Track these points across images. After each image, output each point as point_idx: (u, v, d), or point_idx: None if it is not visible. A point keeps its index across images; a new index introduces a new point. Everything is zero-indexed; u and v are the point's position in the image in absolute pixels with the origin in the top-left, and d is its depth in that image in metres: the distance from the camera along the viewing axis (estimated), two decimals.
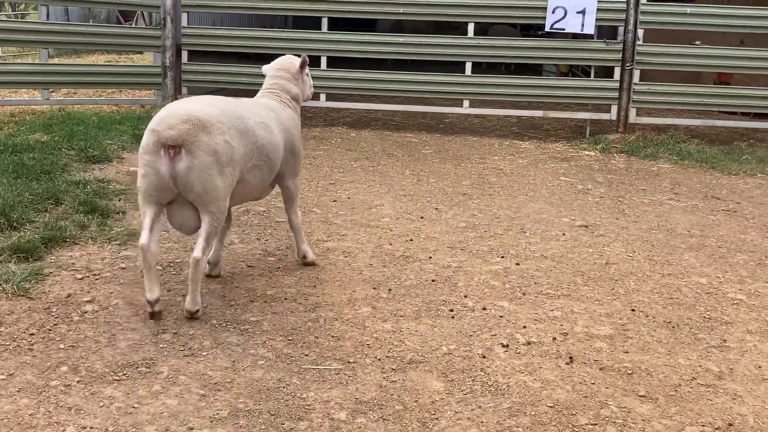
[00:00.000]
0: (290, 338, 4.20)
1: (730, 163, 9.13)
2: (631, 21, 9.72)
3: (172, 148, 4.02)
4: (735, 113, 11.61)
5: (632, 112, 10.02)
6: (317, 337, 4.23)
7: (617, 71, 9.93)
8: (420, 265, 5.43)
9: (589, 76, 11.53)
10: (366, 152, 9.13)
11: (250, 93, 5.48)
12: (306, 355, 4.02)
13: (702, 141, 10.05)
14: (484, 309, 4.70)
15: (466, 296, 4.90)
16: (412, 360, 4.02)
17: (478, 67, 11.91)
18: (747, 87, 10.79)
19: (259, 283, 4.97)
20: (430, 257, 5.61)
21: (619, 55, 9.81)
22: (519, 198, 7.35)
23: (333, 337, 4.25)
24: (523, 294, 4.97)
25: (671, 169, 8.85)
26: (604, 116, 10.27)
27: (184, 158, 4.04)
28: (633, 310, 4.80)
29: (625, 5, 9.75)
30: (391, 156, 8.95)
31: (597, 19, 9.69)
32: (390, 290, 4.94)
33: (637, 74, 9.88)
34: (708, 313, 4.83)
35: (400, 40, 10.20)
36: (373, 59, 11.05)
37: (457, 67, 10.35)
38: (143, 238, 4.15)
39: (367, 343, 4.20)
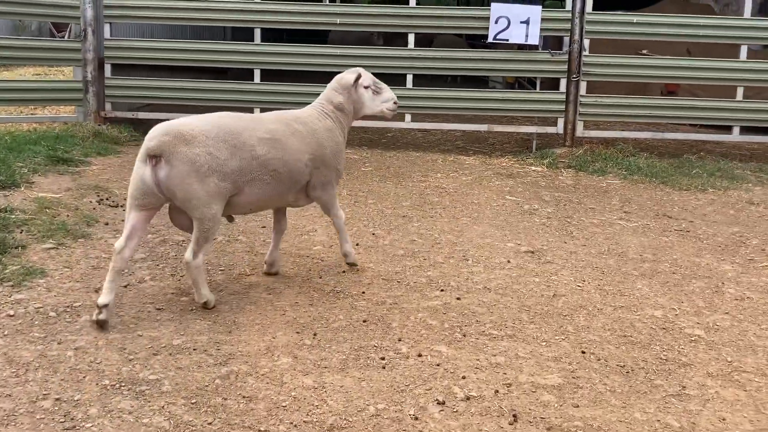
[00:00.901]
0: (193, 401, 3.63)
1: (681, 177, 8.83)
2: (577, 31, 9.38)
3: (154, 157, 4.39)
4: (684, 124, 11.40)
5: (579, 125, 9.68)
6: (225, 399, 3.67)
7: (563, 83, 9.57)
8: (351, 302, 4.91)
9: (535, 87, 11.18)
10: None
11: (186, 109, 4.90)
12: (209, 423, 3.46)
13: (651, 154, 9.74)
14: (420, 356, 4.19)
15: (400, 339, 4.39)
16: (333, 426, 3.49)
17: (423, 80, 11.50)
18: (694, 98, 10.55)
19: (167, 329, 4.39)
20: (363, 292, 5.09)
21: (565, 66, 9.45)
22: (462, 220, 6.89)
23: (244, 398, 3.69)
24: (464, 335, 4.48)
25: (621, 185, 8.50)
26: (551, 130, 9.90)
27: (163, 167, 4.38)
28: (583, 352, 4.35)
29: (570, 15, 9.41)
30: None
31: (542, 30, 9.33)
32: (315, 335, 4.40)
33: (583, 86, 9.53)
34: (664, 353, 4.41)
35: (338, 52, 9.68)
36: (321, 72, 10.49)
37: (400, 79, 9.87)
38: (119, 241, 4.48)
39: (284, 404, 3.65)
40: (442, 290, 5.19)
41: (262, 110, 9.88)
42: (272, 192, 4.87)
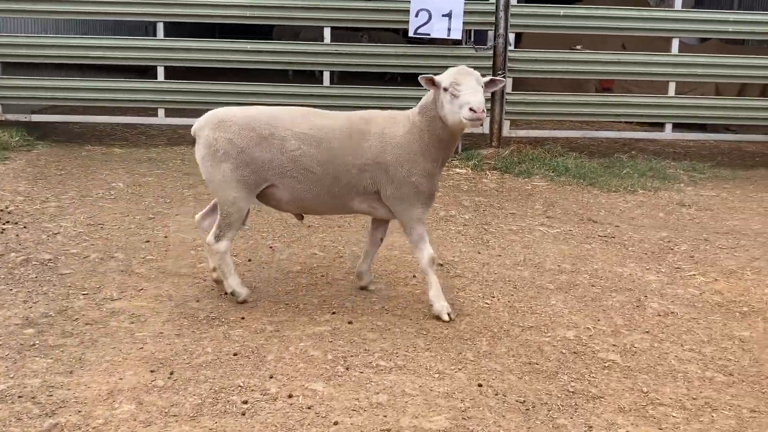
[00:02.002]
0: None
1: (610, 178, 8.41)
2: (502, 24, 8.88)
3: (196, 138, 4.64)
4: (620, 122, 11.03)
5: (506, 125, 9.20)
6: None
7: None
8: (225, 331, 4.30)
9: None
10: None
11: (93, 110, 4.21)
12: None
13: (581, 154, 9.30)
14: (290, 397, 3.60)
15: (272, 377, 3.79)
16: None
17: (356, 78, 10.92)
18: (626, 95, 10.16)
19: None
20: (243, 318, 4.48)
21: (490, 62, 8.94)
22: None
23: None
24: (347, 369, 3.90)
25: (546, 187, 8.03)
26: (477, 129, 9.39)
27: (196, 148, 4.64)
28: (480, 385, 3.80)
29: (494, 7, 8.90)
30: None
31: (465, 23, 8.80)
32: (172, 374, 3.78)
33: (509, 83, 9.04)
34: (573, 383, 3.89)
35: (248, 47, 9.02)
36: (241, 69, 9.80)
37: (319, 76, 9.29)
38: (198, 214, 5.02)
39: None
40: (333, 313, 4.60)
41: (167, 111, 9.24)
42: (311, 191, 4.54)
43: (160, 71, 9.11)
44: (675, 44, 9.25)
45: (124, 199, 6.97)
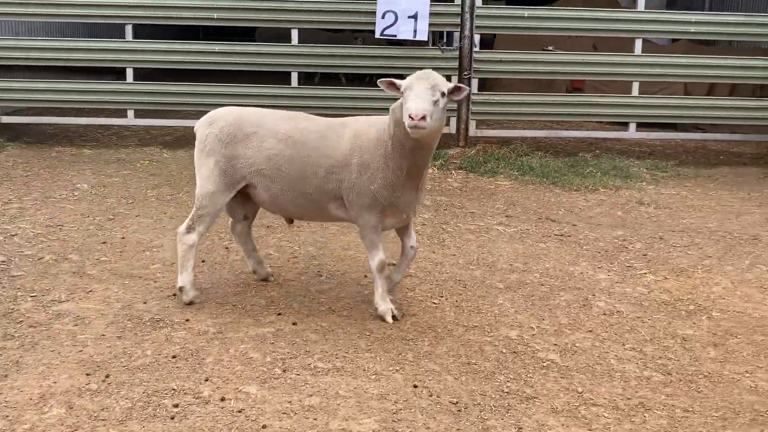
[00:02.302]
0: None
1: (573, 177, 8.45)
2: (467, 26, 8.90)
3: None
4: (591, 122, 11.08)
5: (472, 125, 9.22)
6: None
7: (455, 80, 9.09)
8: (168, 334, 4.30)
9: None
10: (173, 177, 7.90)
11: (63, 112, 4.20)
12: None
13: (546, 153, 9.34)
14: (223, 400, 3.61)
15: (207, 379, 3.80)
16: None
17: (332, 79, 10.91)
18: (592, 95, 10.22)
19: None
20: (187, 320, 4.49)
21: (456, 63, 8.97)
22: (330, 230, 6.33)
23: None
24: (284, 371, 3.91)
25: (509, 186, 8.07)
26: (444, 129, 9.39)
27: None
28: (415, 386, 3.83)
29: (460, 9, 8.92)
30: None
31: (431, 25, 8.82)
32: (108, 376, 3.79)
33: (475, 83, 9.07)
34: (509, 383, 3.92)
35: (216, 48, 8.99)
36: (212, 71, 9.77)
37: (284, 78, 9.26)
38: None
39: None
40: (279, 314, 4.62)
41: (135, 112, 9.24)
42: (286, 193, 4.57)
43: (129, 73, 9.07)
44: (638, 45, 9.29)
45: (86, 200, 6.96)
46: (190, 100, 9.10)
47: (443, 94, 4.12)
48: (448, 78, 9.28)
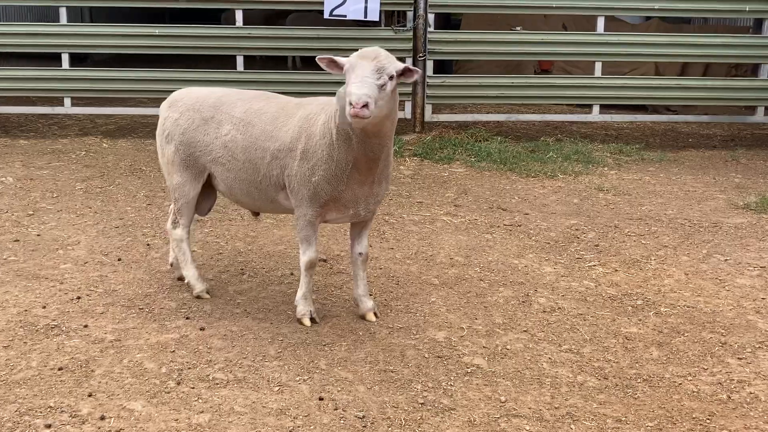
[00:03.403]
0: None
1: (533, 163, 8.09)
2: (421, 5, 8.49)
3: None
4: (559, 104, 10.72)
5: (428, 109, 8.84)
6: None
7: (409, 63, 8.70)
8: (61, 341, 3.93)
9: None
10: (107, 169, 7.47)
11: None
12: None
13: (507, 138, 8.97)
14: (102, 419, 3.25)
15: (90, 395, 3.44)
16: None
17: (269, 62, 10.48)
18: (554, 76, 9.85)
19: None
20: (86, 326, 4.12)
21: (410, 45, 8.57)
22: (264, 223, 5.95)
23: None
24: (178, 383, 3.55)
25: (464, 173, 7.70)
26: (399, 114, 9.01)
27: None
28: (321, 398, 3.48)
29: None
30: (137, 172, 7.34)
31: (382, 4, 8.40)
32: None
33: (429, 65, 8.68)
34: (425, 393, 3.58)
35: (156, 32, 8.54)
36: (159, 55, 9.32)
37: (229, 62, 8.83)
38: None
39: None
40: (188, 318, 4.25)
41: (73, 101, 8.82)
42: (239, 182, 4.20)
43: (65, 58, 8.61)
44: (600, 23, 8.91)
45: (8, 194, 6.55)
46: (131, 86, 8.65)
47: (391, 77, 3.55)
48: (402, 61, 8.92)
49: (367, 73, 3.49)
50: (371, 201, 4.05)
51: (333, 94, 3.82)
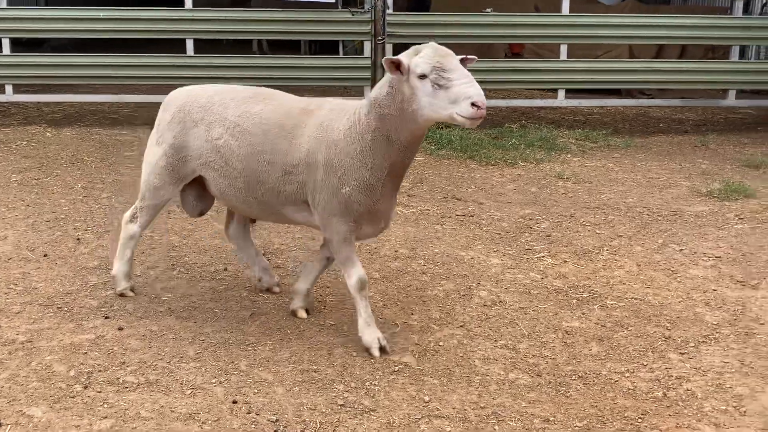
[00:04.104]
0: None
1: (494, 150, 7.90)
2: None
3: None
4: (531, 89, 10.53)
5: None
6: None
7: (368, 46, 8.49)
8: None
9: None
10: (47, 159, 7.17)
11: None
12: None
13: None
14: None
15: None
16: None
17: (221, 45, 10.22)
18: (519, 60, 9.66)
19: None
20: None
21: (369, 27, 8.35)
22: (209, 213, 5.72)
23: None
24: (85, 387, 3.36)
25: (422, 162, 7.51)
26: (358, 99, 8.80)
27: None
28: (235, 401, 3.30)
29: None
30: (78, 162, 7.10)
31: None
32: None
33: (389, 48, 8.46)
34: (346, 394, 3.39)
35: (101, 15, 8.27)
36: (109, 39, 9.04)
37: (179, 45, 8.57)
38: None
39: None
40: (107, 317, 4.06)
41: (14, 87, 8.57)
42: (235, 191, 3.90)
43: (6, 44, 8.32)
44: (566, 4, 8.71)
45: None
46: (74, 72, 8.39)
47: None
48: (361, 44, 8.72)
49: (466, 71, 3.33)
50: (393, 212, 3.86)
51: (292, 79, 3.68)
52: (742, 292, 4.62)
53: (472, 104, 3.22)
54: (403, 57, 3.41)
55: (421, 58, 3.34)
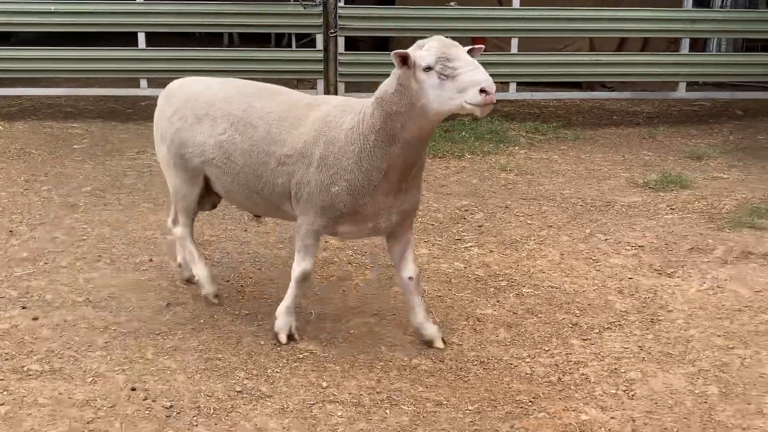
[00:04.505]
0: None
1: (444, 143, 7.95)
2: None
3: None
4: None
5: (341, 87, 8.69)
6: None
7: (320, 39, 8.54)
8: None
9: None
10: None
11: None
12: None
13: None
14: None
15: None
16: None
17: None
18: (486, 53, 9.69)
19: None
20: None
21: (320, 20, 8.38)
22: (141, 207, 5.80)
23: None
24: None
25: None
26: (311, 93, 8.87)
27: None
28: (134, 389, 3.38)
29: None
30: (25, 155, 7.12)
31: None
32: None
33: (341, 42, 8.51)
34: (246, 380, 3.47)
35: (52, 8, 8.27)
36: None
37: (131, 39, 8.60)
38: None
39: None
40: (24, 307, 4.12)
41: None
42: (237, 187, 3.87)
43: None
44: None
45: None
46: (28, 67, 8.43)
47: None
48: (313, 38, 8.74)
49: (470, 59, 3.26)
50: (394, 213, 3.67)
51: (243, 72, 3.76)
52: (657, 280, 4.72)
53: (481, 91, 3.14)
54: (409, 51, 3.32)
55: (425, 50, 3.26)
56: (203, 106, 3.92)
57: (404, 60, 3.28)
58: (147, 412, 3.22)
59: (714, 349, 3.86)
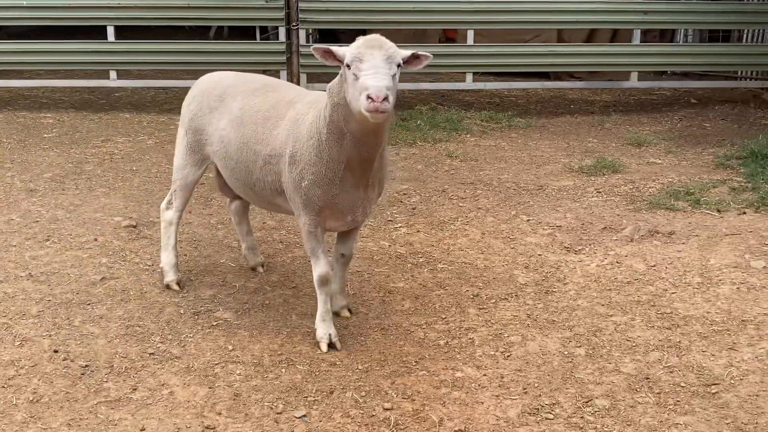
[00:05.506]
0: None
1: (400, 131, 8.29)
2: None
3: None
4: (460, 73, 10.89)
5: (303, 78, 9.04)
6: None
7: (282, 32, 8.89)
8: None
9: None
10: None
11: None
12: None
13: None
14: None
15: None
16: None
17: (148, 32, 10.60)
18: (438, 45, 10.03)
19: None
20: None
21: (283, 14, 8.73)
22: (96, 191, 6.17)
23: None
24: None
25: None
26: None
27: None
28: (56, 351, 3.75)
29: None
30: None
31: None
32: None
33: (302, 35, 8.86)
34: (160, 344, 3.85)
35: (24, 3, 8.63)
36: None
37: (101, 32, 8.96)
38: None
39: None
40: None
41: None
42: (234, 180, 4.12)
43: None
44: None
45: None
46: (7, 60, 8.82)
47: (398, 66, 3.36)
48: (275, 30, 9.07)
49: (379, 63, 3.26)
50: (368, 205, 3.85)
51: (206, 64, 4.13)
52: (564, 256, 5.07)
53: (368, 96, 3.17)
54: (339, 48, 3.45)
55: (350, 47, 3.36)
56: (216, 100, 4.18)
57: (330, 54, 3.43)
58: (64, 370, 3.60)
59: (594, 317, 4.22)
